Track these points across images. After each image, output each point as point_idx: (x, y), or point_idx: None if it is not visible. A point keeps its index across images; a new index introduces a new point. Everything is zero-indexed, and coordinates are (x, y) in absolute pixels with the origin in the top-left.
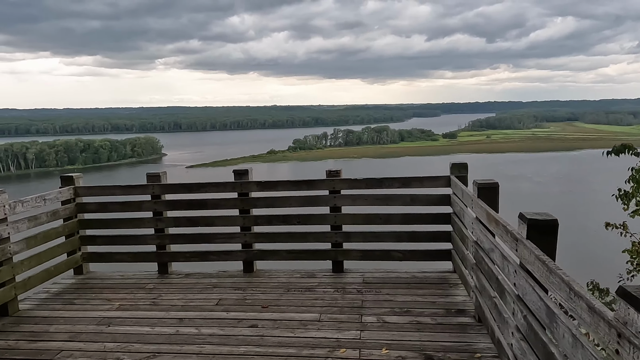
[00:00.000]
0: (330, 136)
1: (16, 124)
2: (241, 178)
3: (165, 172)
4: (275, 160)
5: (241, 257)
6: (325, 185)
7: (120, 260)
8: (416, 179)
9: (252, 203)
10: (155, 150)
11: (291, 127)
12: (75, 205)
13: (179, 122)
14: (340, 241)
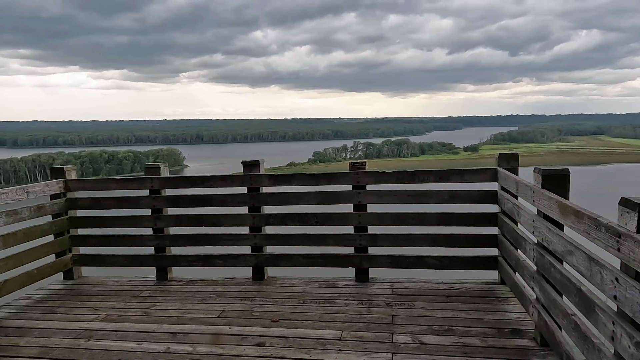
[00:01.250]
0: (350, 149)
1: (44, 135)
2: (251, 170)
3: (167, 165)
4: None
5: (250, 262)
6: (348, 179)
7: (114, 264)
8: (456, 172)
9: (263, 199)
10: (177, 162)
11: (311, 139)
12: (65, 200)
13: (201, 134)
14: (365, 245)
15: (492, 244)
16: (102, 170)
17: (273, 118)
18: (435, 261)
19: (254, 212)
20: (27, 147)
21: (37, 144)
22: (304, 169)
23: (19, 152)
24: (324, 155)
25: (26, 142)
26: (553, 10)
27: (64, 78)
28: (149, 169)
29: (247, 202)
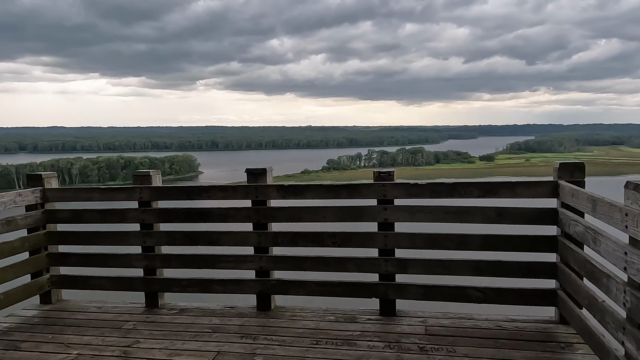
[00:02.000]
0: (365, 157)
1: (63, 141)
2: (257, 180)
3: (159, 172)
4: (309, 180)
5: (254, 289)
6: (373, 192)
7: (97, 287)
8: (505, 184)
9: (271, 214)
10: (192, 168)
11: (325, 147)
12: (42, 212)
13: (216, 141)
14: (393, 271)
15: (549, 274)
16: (119, 176)
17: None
18: (479, 293)
19: (260, 230)
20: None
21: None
22: (318, 176)
23: (39, 157)
24: (338, 163)
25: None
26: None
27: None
28: (138, 177)
29: (252, 218)
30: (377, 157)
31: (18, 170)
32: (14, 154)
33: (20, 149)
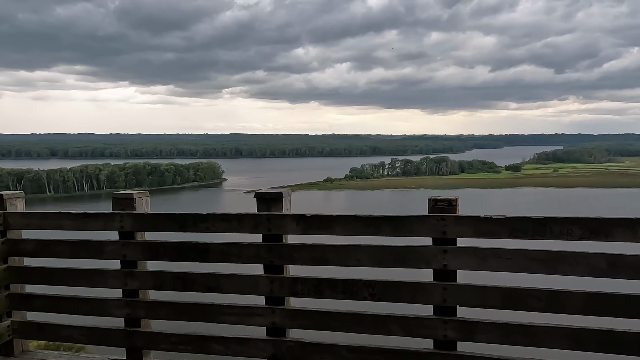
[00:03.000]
0: (388, 165)
1: (92, 147)
2: (270, 207)
3: (147, 194)
4: (332, 189)
5: (265, 352)
6: (428, 228)
7: (68, 339)
8: (623, 222)
9: (287, 254)
10: (216, 175)
11: (348, 155)
12: (3, 242)
13: (240, 149)
14: (453, 337)
15: None
16: (145, 182)
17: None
18: None
19: (273, 274)
20: (76, 158)
21: (86, 155)
22: (340, 184)
23: (69, 162)
24: (361, 171)
25: (76, 153)
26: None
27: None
28: (119, 201)
29: (263, 258)
30: (401, 165)
31: (49, 176)
32: (45, 159)
33: (52, 154)
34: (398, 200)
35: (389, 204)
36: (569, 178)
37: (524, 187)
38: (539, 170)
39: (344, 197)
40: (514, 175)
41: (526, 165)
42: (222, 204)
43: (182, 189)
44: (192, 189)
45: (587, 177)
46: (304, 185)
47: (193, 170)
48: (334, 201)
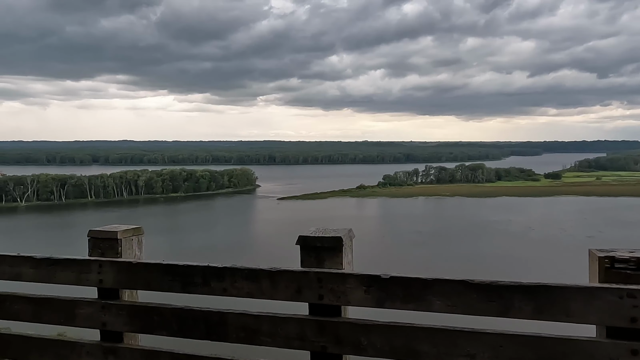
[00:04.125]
0: (422, 173)
1: (132, 154)
2: (321, 261)
3: (141, 230)
4: (364, 196)
5: None
6: (598, 309)
7: None
8: None
9: (350, 337)
10: (250, 182)
11: (381, 162)
12: None
13: (273, 156)
14: None
15: None
16: (181, 188)
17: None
18: None
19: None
20: (116, 165)
21: (126, 161)
22: (373, 191)
23: (110, 168)
24: (394, 178)
25: (116, 159)
26: None
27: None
28: (97, 242)
29: (310, 341)
30: (435, 173)
31: (90, 181)
32: (87, 165)
33: (94, 161)
34: (433, 208)
35: (424, 213)
36: (612, 187)
37: (565, 195)
38: (581, 178)
39: (376, 204)
40: (553, 184)
41: (567, 173)
42: (255, 211)
43: (217, 195)
44: (226, 195)
45: (633, 185)
46: (337, 192)
47: (227, 177)
48: (367, 209)
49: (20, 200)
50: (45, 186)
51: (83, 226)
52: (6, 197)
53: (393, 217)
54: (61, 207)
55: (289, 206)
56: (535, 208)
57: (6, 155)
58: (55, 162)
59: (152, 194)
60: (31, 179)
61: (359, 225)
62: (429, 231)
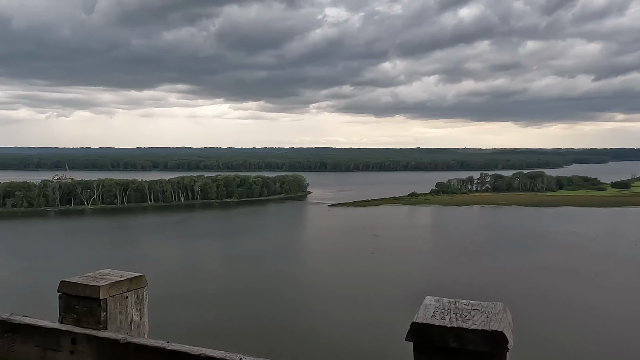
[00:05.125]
0: (477, 180)
1: (189, 160)
2: None
3: (143, 281)
4: (417, 204)
5: None
6: None
7: None
8: None
9: None
10: (301, 188)
11: (434, 170)
12: None
13: (324, 162)
14: None
15: None
16: (235, 194)
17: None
18: None
19: None
20: (174, 170)
21: (183, 167)
22: (426, 199)
23: (168, 174)
24: (447, 186)
25: (174, 165)
26: None
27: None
28: (69, 303)
29: None
30: (491, 181)
31: (150, 186)
32: (148, 171)
33: (154, 166)
34: (489, 217)
35: (479, 222)
36: None
37: (634, 206)
38: None
39: (429, 212)
40: (621, 193)
41: (636, 182)
42: (306, 217)
43: (269, 201)
44: (278, 201)
45: None
46: (388, 199)
47: (279, 183)
48: (419, 217)
49: (87, 203)
50: (110, 190)
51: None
52: (75, 200)
53: (446, 226)
54: (123, 211)
55: (339, 213)
56: (600, 219)
57: (76, 161)
58: (119, 167)
59: (207, 199)
60: (97, 184)
61: (411, 234)
62: (484, 241)
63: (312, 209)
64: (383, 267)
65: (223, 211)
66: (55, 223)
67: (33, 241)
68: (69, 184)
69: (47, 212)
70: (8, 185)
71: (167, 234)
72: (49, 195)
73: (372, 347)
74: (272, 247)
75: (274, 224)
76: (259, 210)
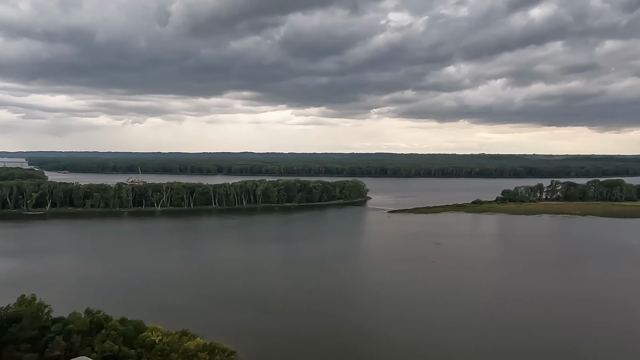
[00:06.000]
0: (547, 188)
1: (252, 165)
2: None
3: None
4: (481, 211)
5: None
6: None
7: None
8: None
9: None
10: (361, 193)
11: (500, 176)
12: None
13: (385, 168)
14: None
15: None
16: (295, 198)
17: (459, 153)
18: None
19: None
20: (237, 175)
21: (246, 172)
22: (491, 207)
23: (232, 178)
24: (514, 194)
25: (238, 170)
26: None
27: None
28: None
29: None
30: (563, 189)
31: (215, 190)
32: (212, 175)
33: (218, 171)
34: (559, 227)
35: (549, 232)
36: None
37: None
38: None
39: (494, 221)
40: None
41: None
42: (366, 222)
43: (328, 206)
44: (337, 206)
45: None
46: (450, 206)
47: (339, 188)
48: (483, 226)
49: (156, 205)
50: (177, 193)
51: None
52: (145, 202)
53: (513, 236)
54: (190, 213)
55: (400, 219)
56: None
57: (147, 165)
58: (186, 171)
59: (268, 203)
60: (166, 187)
61: (475, 243)
62: (556, 252)
63: (372, 215)
64: (445, 275)
65: (283, 215)
66: (129, 223)
67: (111, 242)
68: (141, 187)
69: (121, 212)
70: (88, 187)
71: (231, 236)
72: (123, 197)
73: (433, 356)
74: (332, 252)
75: (333, 229)
76: (318, 215)
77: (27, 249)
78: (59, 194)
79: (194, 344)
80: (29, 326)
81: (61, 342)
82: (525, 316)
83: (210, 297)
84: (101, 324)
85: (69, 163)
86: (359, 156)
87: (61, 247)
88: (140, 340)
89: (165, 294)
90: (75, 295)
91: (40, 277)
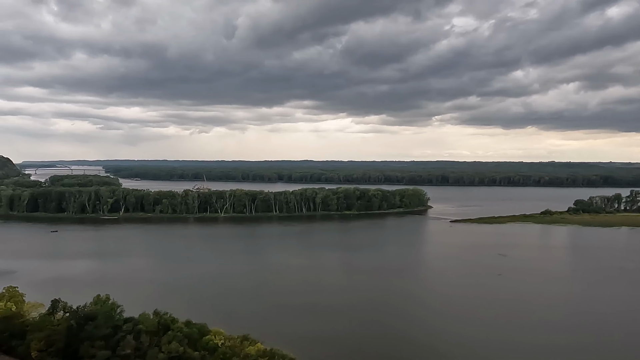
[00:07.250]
0: (625, 199)
1: (311, 173)
2: None
3: None
4: (551, 222)
5: None
6: None
7: None
8: None
9: None
10: (421, 202)
11: (572, 186)
12: None
13: (446, 176)
14: None
15: None
16: (354, 206)
17: (526, 161)
18: None
19: None
20: (297, 182)
21: (305, 179)
22: (562, 218)
23: (292, 186)
24: (588, 204)
25: (298, 177)
26: None
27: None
28: None
29: None
30: None
31: (275, 197)
32: (273, 182)
33: (279, 178)
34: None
35: (629, 246)
36: None
37: None
38: None
39: (566, 232)
40: None
41: None
42: (427, 232)
43: (388, 215)
44: (397, 214)
45: None
46: (518, 217)
47: (399, 197)
48: (554, 238)
49: (220, 211)
50: (240, 200)
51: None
52: (210, 209)
53: (588, 249)
54: (251, 219)
55: (462, 229)
56: None
57: (212, 173)
58: (248, 179)
59: (327, 211)
60: (229, 194)
61: (545, 255)
62: (637, 268)
63: (433, 224)
64: (512, 289)
65: (342, 223)
66: (194, 228)
67: (178, 246)
68: (206, 194)
69: (187, 218)
70: (157, 193)
71: (291, 244)
72: (189, 203)
73: None
74: (392, 262)
75: (393, 238)
76: (378, 223)
77: (103, 252)
78: (131, 200)
79: (254, 349)
80: (103, 324)
81: (132, 341)
82: (609, 332)
83: (270, 303)
84: (168, 325)
85: (140, 171)
86: (419, 164)
87: (133, 250)
88: (204, 342)
89: (228, 298)
90: (144, 296)
91: (113, 278)
